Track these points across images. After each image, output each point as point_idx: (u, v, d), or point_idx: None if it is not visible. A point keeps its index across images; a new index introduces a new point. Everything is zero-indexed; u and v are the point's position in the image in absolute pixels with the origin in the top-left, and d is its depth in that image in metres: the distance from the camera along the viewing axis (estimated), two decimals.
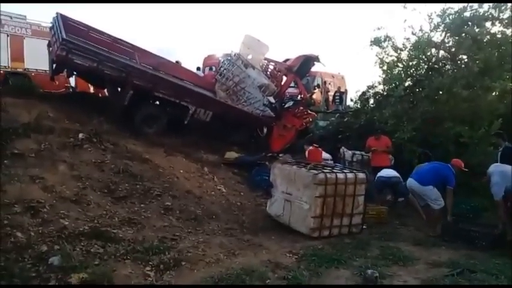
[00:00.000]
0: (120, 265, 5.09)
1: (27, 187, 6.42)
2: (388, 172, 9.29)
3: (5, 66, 13.64)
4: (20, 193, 6.16)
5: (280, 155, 11.72)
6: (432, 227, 7.74)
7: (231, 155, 11.31)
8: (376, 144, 10.20)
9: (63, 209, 6.16)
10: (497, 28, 11.49)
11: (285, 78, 14.16)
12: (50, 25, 11.33)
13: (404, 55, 12.58)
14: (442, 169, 7.79)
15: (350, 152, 11.26)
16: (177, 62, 15.24)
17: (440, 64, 12.12)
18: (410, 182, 7.96)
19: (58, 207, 6.18)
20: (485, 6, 11.28)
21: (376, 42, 12.61)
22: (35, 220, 5.69)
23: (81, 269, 4.76)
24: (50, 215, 5.90)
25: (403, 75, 12.58)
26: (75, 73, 12.04)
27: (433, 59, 12.09)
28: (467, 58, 11.59)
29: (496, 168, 7.38)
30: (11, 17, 14.14)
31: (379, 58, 12.85)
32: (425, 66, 12.13)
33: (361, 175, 7.65)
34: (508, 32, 11.43)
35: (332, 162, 10.52)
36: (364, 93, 13.75)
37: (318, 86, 21.19)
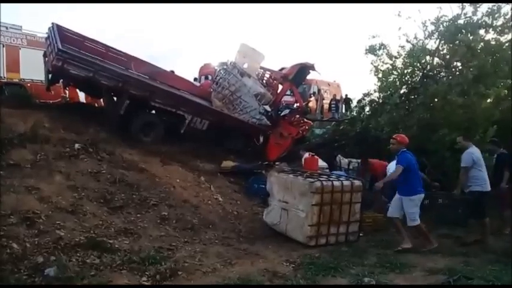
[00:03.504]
0: (116, 275, 5.07)
1: (23, 198, 6.41)
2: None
3: (1, 77, 13.63)
4: (16, 204, 6.15)
5: (277, 163, 11.71)
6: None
7: (228, 163, 11.29)
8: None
9: (59, 220, 6.14)
10: (491, 35, 11.60)
11: (280, 86, 14.20)
12: (46, 35, 11.37)
13: (399, 63, 12.67)
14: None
15: (346, 159, 11.28)
16: (171, 71, 15.26)
17: (435, 71, 12.18)
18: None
19: (54, 217, 6.16)
20: (479, 13, 11.38)
21: (371, 50, 12.68)
22: (31, 231, 5.68)
23: (77, 279, 4.75)
24: (46, 225, 5.89)
25: (398, 82, 12.67)
26: (71, 83, 12.07)
27: (428, 67, 12.16)
28: (461, 65, 11.66)
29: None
30: (6, 28, 14.14)
31: (374, 66, 12.93)
32: (420, 74, 12.19)
33: (358, 183, 7.65)
34: (502, 39, 11.54)
35: (328, 170, 10.50)
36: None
37: (314, 94, 21.30)
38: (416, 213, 6.90)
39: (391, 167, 8.97)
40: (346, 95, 22.35)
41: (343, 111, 20.77)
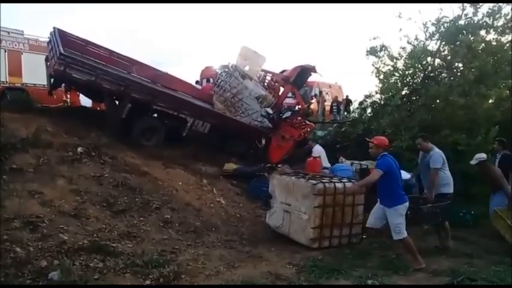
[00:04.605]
0: (119, 279, 5.09)
1: (26, 202, 6.44)
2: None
3: (3, 82, 13.66)
4: (19, 208, 6.17)
5: (279, 165, 11.72)
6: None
7: (230, 166, 11.31)
8: None
9: (62, 224, 6.17)
10: (491, 36, 11.61)
11: (282, 89, 14.22)
12: (48, 40, 11.40)
13: (400, 64, 12.67)
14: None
15: (348, 161, 11.27)
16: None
17: (436, 72, 12.19)
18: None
19: (57, 221, 6.19)
20: (480, 14, 11.40)
21: (372, 51, 12.69)
22: (34, 235, 5.70)
23: (80, 283, 4.76)
24: (49, 229, 5.91)
25: (399, 84, 12.66)
26: (73, 87, 12.11)
27: (429, 68, 12.16)
28: (462, 66, 11.67)
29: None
30: (8, 33, 14.17)
31: (376, 67, 12.94)
32: (422, 75, 12.19)
33: None
34: (503, 39, 11.55)
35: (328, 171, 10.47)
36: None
37: (315, 96, 21.29)
38: (402, 224, 6.15)
39: None
40: (347, 96, 22.37)
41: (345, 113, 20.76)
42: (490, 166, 8.24)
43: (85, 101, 14.60)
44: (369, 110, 13.83)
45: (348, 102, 21.18)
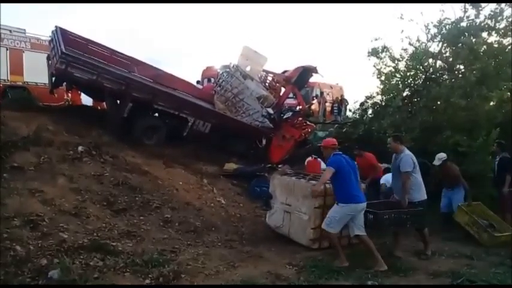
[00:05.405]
0: (119, 278, 5.08)
1: (27, 200, 6.43)
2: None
3: (5, 80, 13.66)
4: (19, 206, 6.17)
5: (279, 165, 11.72)
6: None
7: (230, 166, 11.31)
8: (361, 162, 9.72)
9: (63, 222, 6.16)
10: (493, 38, 11.60)
11: (283, 89, 14.22)
12: (49, 38, 11.41)
13: (401, 65, 12.66)
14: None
15: None
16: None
17: (437, 74, 12.16)
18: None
19: (57, 220, 6.19)
20: (482, 16, 11.40)
21: (374, 52, 12.68)
22: (35, 233, 5.69)
23: (80, 282, 4.76)
24: (50, 228, 5.90)
25: (400, 85, 12.65)
26: (74, 86, 12.12)
27: (431, 69, 12.15)
28: (464, 68, 11.65)
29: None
30: (10, 31, 14.19)
31: (377, 69, 12.92)
32: (423, 77, 12.18)
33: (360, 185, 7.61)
34: (505, 41, 11.54)
35: None
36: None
37: (316, 96, 21.30)
38: (336, 221, 6.13)
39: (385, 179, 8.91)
40: (342, 96, 22.41)
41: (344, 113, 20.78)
42: (450, 165, 8.46)
43: (86, 100, 14.61)
44: (370, 111, 13.80)
45: (344, 102, 21.21)
